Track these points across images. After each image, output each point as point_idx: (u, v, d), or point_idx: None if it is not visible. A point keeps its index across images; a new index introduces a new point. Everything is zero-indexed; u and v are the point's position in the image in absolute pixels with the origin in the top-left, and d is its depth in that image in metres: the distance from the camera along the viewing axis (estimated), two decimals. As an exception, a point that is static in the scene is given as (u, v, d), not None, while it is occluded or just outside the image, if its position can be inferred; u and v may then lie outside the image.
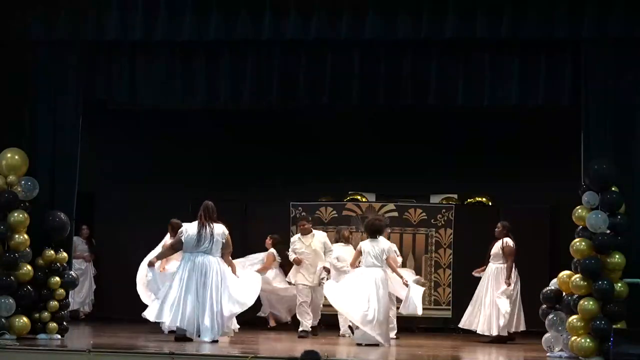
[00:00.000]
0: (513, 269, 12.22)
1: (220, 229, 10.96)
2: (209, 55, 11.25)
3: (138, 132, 14.96)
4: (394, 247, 12.33)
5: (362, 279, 11.30)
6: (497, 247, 12.40)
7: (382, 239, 11.52)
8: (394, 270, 11.59)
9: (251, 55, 11.19)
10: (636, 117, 10.56)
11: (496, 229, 12.52)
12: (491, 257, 12.43)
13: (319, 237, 12.69)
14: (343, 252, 12.54)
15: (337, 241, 12.88)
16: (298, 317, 12.56)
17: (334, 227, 14.21)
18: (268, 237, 13.76)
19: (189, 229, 10.97)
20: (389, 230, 12.76)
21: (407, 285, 11.64)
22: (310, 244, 12.59)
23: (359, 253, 11.47)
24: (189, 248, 10.93)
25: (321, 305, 12.83)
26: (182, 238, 10.95)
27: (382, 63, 11.06)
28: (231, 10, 10.94)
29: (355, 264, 11.60)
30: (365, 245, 11.45)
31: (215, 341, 10.81)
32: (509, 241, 12.30)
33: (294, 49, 11.15)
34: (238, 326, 11.37)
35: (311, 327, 12.53)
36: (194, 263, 10.85)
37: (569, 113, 11.11)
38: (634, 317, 9.80)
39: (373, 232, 11.52)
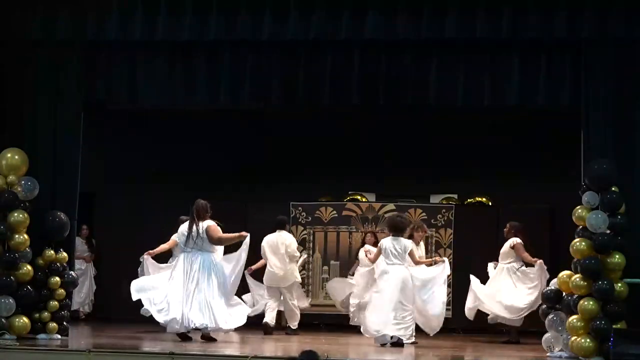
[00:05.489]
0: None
1: (204, 226, 11.08)
2: (209, 55, 11.25)
3: (138, 132, 14.96)
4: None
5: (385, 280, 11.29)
6: (505, 247, 12.37)
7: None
8: (417, 264, 11.58)
9: (251, 55, 11.19)
10: (636, 117, 10.55)
11: (504, 229, 12.50)
12: (500, 256, 12.40)
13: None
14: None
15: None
16: None
17: (334, 227, 14.23)
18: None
19: (181, 227, 11.24)
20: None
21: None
22: None
23: (379, 252, 11.39)
24: (181, 246, 11.21)
25: None
26: (177, 238, 11.31)
27: (382, 63, 11.06)
28: (231, 10, 10.94)
29: (375, 261, 11.51)
30: (386, 242, 11.38)
31: (213, 339, 10.85)
32: (515, 240, 12.26)
33: (294, 49, 11.15)
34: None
35: None
36: (183, 260, 11.05)
37: (569, 113, 11.11)
38: (634, 317, 9.79)
39: (395, 230, 11.45)
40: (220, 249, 11.38)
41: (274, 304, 12.91)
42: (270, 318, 12.75)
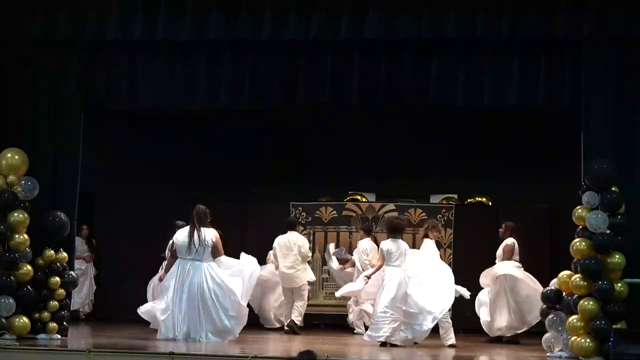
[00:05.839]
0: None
1: (209, 234, 10.94)
2: (209, 55, 11.25)
3: (138, 132, 14.96)
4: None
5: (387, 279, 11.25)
6: (500, 248, 12.39)
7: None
8: None
9: (251, 55, 11.20)
10: (636, 117, 10.56)
11: (500, 230, 12.52)
12: (497, 258, 12.41)
13: None
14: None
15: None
16: None
17: (334, 227, 14.23)
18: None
19: (180, 235, 11.06)
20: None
21: None
22: None
23: (383, 254, 11.32)
24: (180, 254, 11.00)
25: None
26: (175, 245, 11.04)
27: (382, 63, 11.07)
28: (231, 10, 10.95)
29: (381, 264, 11.39)
30: (388, 244, 11.37)
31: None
32: (507, 241, 12.29)
33: (294, 49, 11.16)
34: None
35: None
36: (184, 270, 10.90)
37: (569, 113, 11.11)
38: (634, 317, 9.79)
39: (393, 231, 11.44)
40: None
41: (289, 307, 13.09)
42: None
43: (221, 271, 10.98)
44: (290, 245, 13.04)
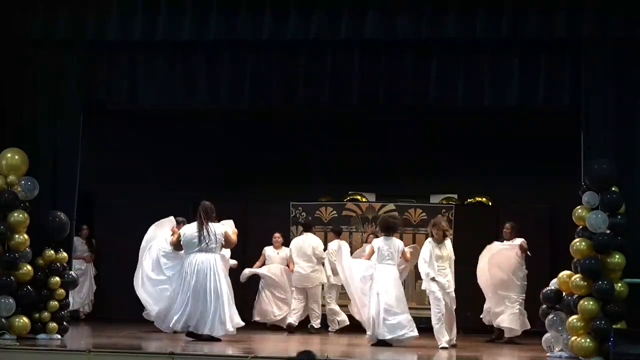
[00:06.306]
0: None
1: (219, 229, 11.05)
2: (209, 55, 11.26)
3: (138, 132, 14.95)
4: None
5: (376, 276, 11.37)
6: (517, 246, 12.35)
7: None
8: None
9: (251, 55, 11.21)
10: (636, 117, 10.57)
11: (505, 230, 12.49)
12: (510, 258, 12.37)
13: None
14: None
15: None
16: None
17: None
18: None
19: (188, 231, 11.10)
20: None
21: None
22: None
23: (372, 250, 11.52)
24: (189, 250, 11.02)
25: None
26: (182, 241, 11.08)
27: (382, 63, 11.08)
28: (231, 10, 10.96)
29: (367, 258, 11.65)
30: (379, 242, 11.49)
31: (217, 339, 10.86)
32: (520, 240, 12.28)
33: (294, 49, 11.16)
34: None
35: None
36: (195, 264, 10.94)
37: (569, 113, 11.12)
38: (634, 317, 9.80)
39: (387, 230, 11.55)
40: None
41: (299, 305, 13.17)
42: (294, 319, 13.10)
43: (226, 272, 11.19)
44: (305, 246, 13.27)
